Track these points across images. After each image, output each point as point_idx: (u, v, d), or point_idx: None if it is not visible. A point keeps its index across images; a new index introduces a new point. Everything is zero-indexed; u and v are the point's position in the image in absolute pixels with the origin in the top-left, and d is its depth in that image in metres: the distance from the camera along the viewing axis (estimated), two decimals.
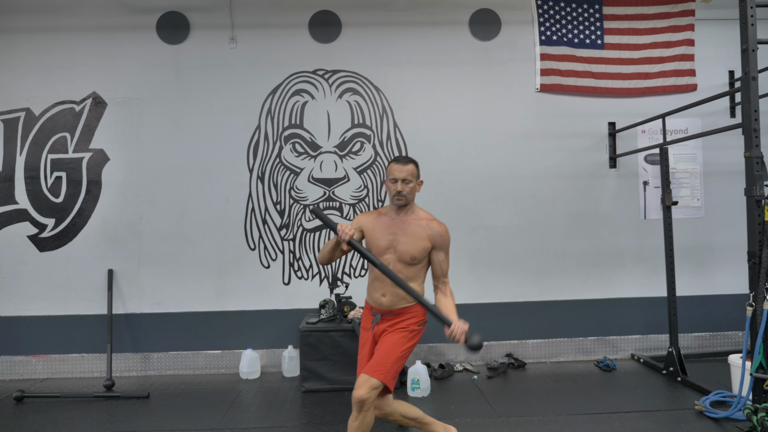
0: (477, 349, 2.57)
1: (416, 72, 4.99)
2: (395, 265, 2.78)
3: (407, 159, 2.87)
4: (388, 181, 2.84)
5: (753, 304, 3.35)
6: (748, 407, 3.16)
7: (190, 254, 4.89)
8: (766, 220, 3.31)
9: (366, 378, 2.66)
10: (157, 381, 4.65)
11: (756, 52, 3.37)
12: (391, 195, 2.84)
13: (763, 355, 3.30)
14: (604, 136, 5.09)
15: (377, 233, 2.83)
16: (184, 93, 4.91)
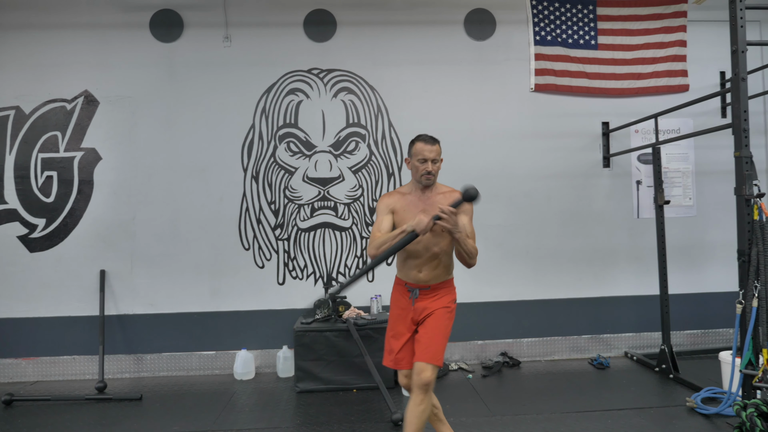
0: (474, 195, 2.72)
1: (411, 71, 5.12)
2: (429, 239, 2.87)
3: (432, 138, 2.93)
4: (416, 161, 2.89)
5: (742, 301, 3.50)
6: (737, 403, 3.28)
7: (184, 254, 4.97)
8: (755, 218, 3.45)
9: (424, 364, 2.76)
10: (151, 383, 4.73)
11: (745, 53, 3.50)
12: (418, 174, 2.90)
13: (752, 352, 3.44)
14: (598, 135, 5.24)
15: (408, 212, 2.92)
16: (178, 91, 4.99)
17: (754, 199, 3.46)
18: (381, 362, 4.30)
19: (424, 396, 2.74)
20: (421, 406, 2.74)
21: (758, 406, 3.15)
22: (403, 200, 2.96)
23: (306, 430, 3.63)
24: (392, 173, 5.09)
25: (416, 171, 2.91)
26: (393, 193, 3.04)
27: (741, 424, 3.17)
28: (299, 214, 5.03)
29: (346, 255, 5.07)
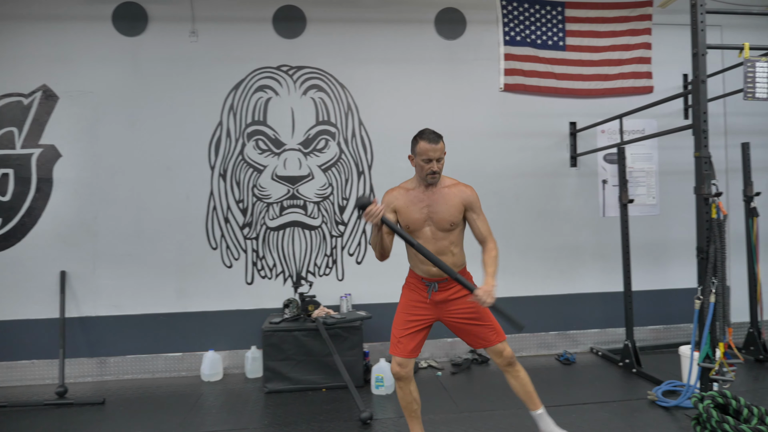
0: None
1: (382, 69, 5.25)
2: (435, 233, 3.02)
3: (436, 136, 2.99)
4: (420, 160, 2.97)
5: (701, 297, 3.73)
6: (695, 395, 3.45)
7: (149, 254, 5.01)
8: (713, 217, 3.69)
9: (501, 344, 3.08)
10: (114, 386, 4.75)
11: (705, 56, 3.71)
12: (423, 174, 2.99)
13: (709, 346, 3.68)
14: (566, 135, 5.48)
15: (412, 208, 3.02)
16: (143, 87, 5.01)
17: (713, 198, 3.68)
18: (350, 361, 4.50)
19: (515, 367, 3.13)
20: (520, 374, 3.15)
21: (714, 398, 3.35)
22: (407, 196, 3.04)
23: (274, 430, 3.71)
24: (362, 171, 5.22)
25: (421, 170, 2.99)
26: (396, 189, 3.10)
27: (698, 416, 3.35)
28: (268, 212, 5.12)
29: (315, 254, 5.18)
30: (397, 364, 3.07)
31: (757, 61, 3.78)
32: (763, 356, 4.88)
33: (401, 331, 3.11)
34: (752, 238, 4.89)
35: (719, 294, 3.67)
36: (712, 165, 3.71)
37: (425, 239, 3.02)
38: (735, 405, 3.34)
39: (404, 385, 3.11)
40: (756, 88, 3.80)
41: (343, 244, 5.21)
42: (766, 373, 4.62)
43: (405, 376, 3.08)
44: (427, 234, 3.03)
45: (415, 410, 3.17)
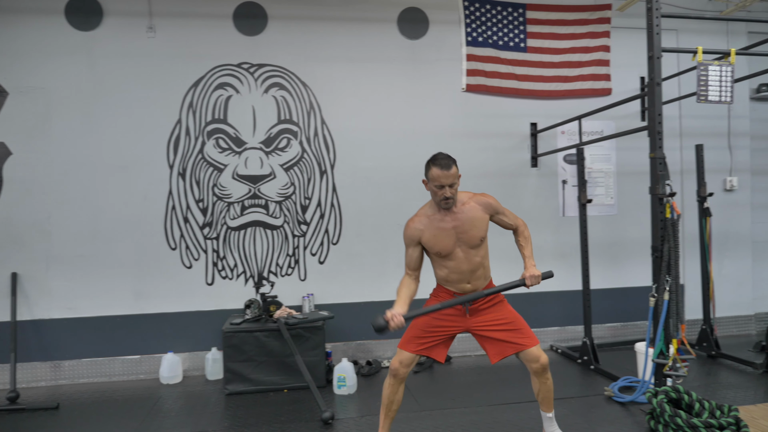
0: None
1: (344, 68, 5.23)
2: (467, 252, 3.07)
3: (448, 161, 2.97)
4: (433, 186, 2.97)
5: (655, 295, 3.82)
6: (649, 391, 3.56)
7: (105, 255, 4.90)
8: (667, 216, 3.78)
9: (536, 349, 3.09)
10: (69, 390, 4.63)
11: (660, 59, 3.78)
12: (437, 199, 3.00)
13: (663, 343, 3.77)
14: (527, 136, 5.55)
15: (439, 236, 3.04)
16: (98, 83, 4.89)
17: (667, 198, 3.76)
18: (312, 361, 4.48)
19: (547, 374, 3.15)
20: (548, 381, 3.17)
21: (668, 393, 3.44)
22: (431, 225, 3.05)
23: None
24: (325, 171, 5.19)
25: (434, 195, 3.01)
26: (417, 219, 3.10)
27: (652, 410, 3.44)
28: (229, 212, 5.05)
29: (277, 254, 5.14)
30: (400, 361, 3.08)
31: (709, 65, 3.88)
32: (715, 352, 5.03)
33: (421, 332, 3.12)
34: (705, 237, 5.03)
35: (673, 292, 3.76)
36: (666, 166, 3.79)
37: (458, 261, 3.07)
38: (687, 399, 3.43)
39: (396, 384, 3.11)
40: (708, 91, 3.89)
41: (306, 243, 5.18)
42: (718, 369, 4.77)
43: (403, 375, 3.09)
44: (459, 256, 3.07)
45: (393, 410, 3.17)
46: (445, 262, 3.09)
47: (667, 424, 3.30)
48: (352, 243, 5.25)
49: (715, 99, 3.91)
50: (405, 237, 3.11)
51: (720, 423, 3.17)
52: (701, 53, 3.87)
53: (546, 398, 3.23)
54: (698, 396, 3.46)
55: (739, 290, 5.90)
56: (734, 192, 5.85)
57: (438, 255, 3.08)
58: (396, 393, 3.12)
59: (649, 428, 3.50)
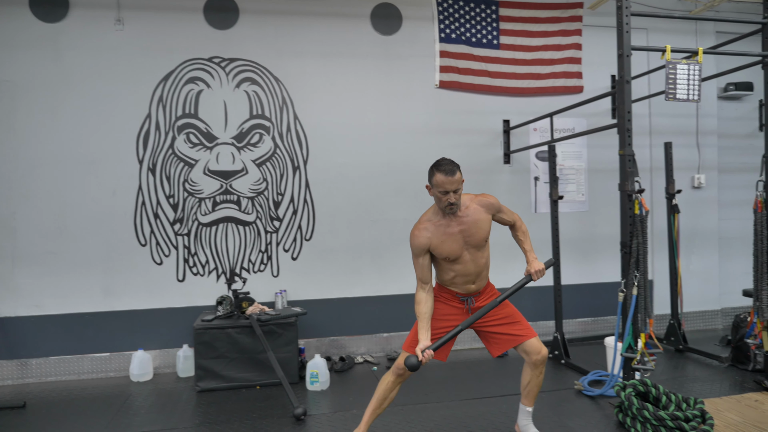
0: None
1: (317, 63, 5.16)
2: (474, 254, 3.07)
3: (451, 167, 2.94)
4: (437, 192, 2.95)
5: (624, 290, 3.85)
6: (618, 384, 3.58)
7: (74, 252, 4.77)
8: (636, 212, 3.80)
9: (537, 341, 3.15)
10: (36, 389, 4.51)
11: (630, 57, 3.79)
12: (441, 205, 2.98)
13: (632, 337, 3.79)
14: (499, 133, 5.54)
15: (447, 242, 3.01)
16: (65, 77, 4.74)
17: (636, 195, 3.79)
18: (285, 358, 4.42)
19: (543, 367, 3.18)
20: (541, 376, 3.20)
21: (636, 387, 3.47)
22: (437, 231, 3.01)
23: (205, 429, 3.61)
24: (298, 166, 5.12)
25: (439, 201, 2.99)
26: (423, 226, 3.04)
27: (620, 403, 3.47)
28: (200, 208, 4.96)
29: (250, 250, 5.06)
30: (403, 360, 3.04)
31: (678, 63, 3.90)
32: (682, 346, 5.08)
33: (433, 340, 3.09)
34: (673, 234, 5.07)
35: (641, 287, 3.79)
36: (635, 163, 3.81)
37: (465, 263, 3.06)
38: (654, 393, 3.47)
39: (396, 383, 3.12)
40: (677, 89, 3.91)
41: (279, 240, 5.11)
42: (685, 362, 4.82)
43: (407, 376, 3.10)
44: (466, 258, 3.06)
45: (383, 407, 3.18)
46: (453, 266, 3.07)
47: (635, 417, 3.33)
48: (325, 239, 5.19)
49: (683, 97, 3.93)
50: (414, 247, 3.05)
51: (686, 415, 3.20)
52: (670, 52, 3.88)
53: (532, 392, 3.25)
54: (665, 389, 3.49)
55: (706, 286, 5.96)
56: (702, 189, 5.92)
57: (446, 260, 3.06)
58: (392, 390, 3.15)
59: (617, 421, 3.52)
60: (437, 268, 3.15)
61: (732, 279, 6.03)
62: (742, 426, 3.39)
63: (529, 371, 3.19)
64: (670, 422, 3.17)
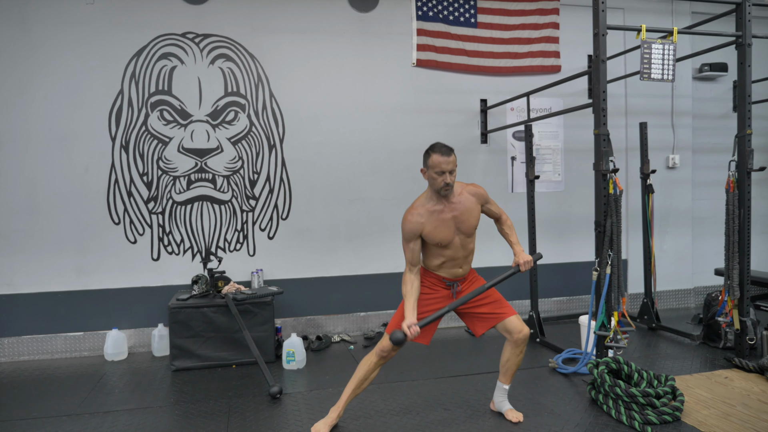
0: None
1: (293, 40, 4.96)
2: (464, 241, 3.06)
3: (447, 148, 2.92)
4: (433, 173, 2.90)
5: (598, 269, 3.77)
6: (591, 362, 3.53)
7: (45, 230, 4.58)
8: (610, 192, 3.72)
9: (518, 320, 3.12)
10: (9, 368, 4.37)
11: (605, 36, 3.68)
12: (437, 186, 2.93)
13: (605, 315, 3.73)
14: (477, 112, 5.40)
15: (440, 228, 2.98)
16: (32, 51, 4.51)
17: (610, 174, 3.70)
18: (261, 337, 4.31)
19: (524, 346, 3.16)
20: (521, 355, 3.17)
21: (608, 364, 3.41)
22: (432, 217, 2.98)
23: (180, 408, 3.50)
24: (274, 145, 4.95)
25: (434, 183, 2.94)
26: (415, 211, 2.99)
27: (593, 381, 3.42)
28: (174, 186, 4.78)
29: (225, 229, 4.90)
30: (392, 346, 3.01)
31: (653, 43, 3.81)
32: (655, 324, 5.04)
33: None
34: (648, 213, 5.01)
35: (615, 266, 3.72)
36: (610, 142, 3.72)
37: (455, 249, 3.05)
38: (627, 370, 3.41)
39: (379, 364, 3.09)
40: (651, 69, 3.83)
41: (255, 219, 4.95)
42: (658, 340, 4.78)
43: (389, 357, 3.08)
44: (457, 244, 3.04)
45: (362, 388, 3.15)
46: (443, 251, 3.04)
47: (607, 394, 3.28)
48: (301, 218, 5.05)
49: (657, 77, 3.86)
50: (406, 231, 2.99)
51: (657, 392, 3.16)
52: (645, 31, 3.79)
53: (510, 370, 3.22)
54: (638, 366, 3.43)
55: (679, 265, 5.92)
56: (676, 170, 5.85)
57: (438, 246, 3.01)
58: (373, 372, 3.12)
59: (590, 398, 3.47)
60: (426, 253, 3.10)
61: (704, 258, 5.99)
62: (711, 402, 3.35)
63: (509, 349, 3.16)
64: (642, 399, 3.12)
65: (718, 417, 3.13)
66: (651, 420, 3.04)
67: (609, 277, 3.71)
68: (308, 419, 3.28)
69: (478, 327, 3.16)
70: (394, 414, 3.35)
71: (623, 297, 3.79)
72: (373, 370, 3.10)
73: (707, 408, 3.26)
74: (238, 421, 3.29)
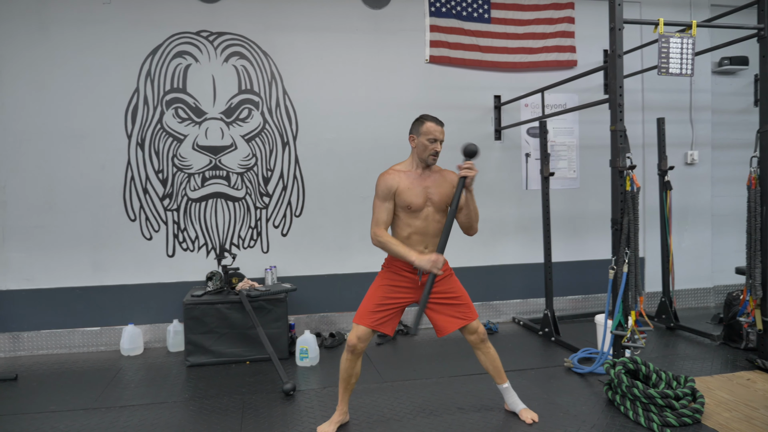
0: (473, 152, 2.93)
1: (306, 38, 4.87)
2: (434, 215, 2.98)
3: (439, 119, 2.98)
4: (425, 140, 2.91)
5: (614, 267, 3.63)
6: (608, 362, 3.41)
7: (63, 226, 4.55)
8: (627, 189, 3.57)
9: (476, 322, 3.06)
10: (28, 362, 4.35)
11: (622, 31, 3.54)
12: (425, 154, 2.93)
13: (622, 314, 3.59)
14: (490, 108, 5.26)
15: (413, 190, 2.93)
16: (51, 50, 4.48)
17: (627, 171, 3.56)
18: (275, 333, 4.22)
19: (487, 344, 3.12)
20: (490, 351, 3.12)
21: (626, 364, 3.28)
22: (407, 178, 2.95)
23: (195, 403, 3.45)
24: (287, 142, 4.86)
25: (424, 150, 2.93)
26: (394, 172, 2.97)
27: (610, 381, 3.29)
28: (189, 183, 4.71)
29: (239, 226, 4.82)
30: (357, 337, 2.90)
31: (671, 37, 3.64)
32: (673, 324, 4.86)
33: (376, 306, 2.96)
34: (665, 210, 4.83)
35: (632, 264, 3.57)
36: (627, 138, 3.58)
37: (425, 220, 2.97)
38: (645, 370, 3.27)
39: (354, 359, 2.97)
40: (670, 63, 3.67)
41: (268, 215, 4.87)
42: (676, 340, 4.60)
43: (360, 350, 2.94)
44: (427, 215, 2.97)
45: (352, 383, 3.04)
46: (412, 219, 2.95)
47: (624, 395, 3.13)
48: (315, 215, 4.95)
49: (675, 71, 3.70)
50: (381, 187, 2.94)
51: (676, 393, 3.01)
52: (663, 25, 3.63)
53: (494, 368, 3.14)
54: (656, 367, 3.29)
55: (698, 263, 5.71)
56: (695, 166, 5.64)
57: (408, 209, 2.92)
58: (354, 367, 2.98)
59: (606, 399, 3.32)
60: (395, 223, 2.99)
61: (724, 256, 5.76)
62: (733, 404, 3.18)
63: (477, 353, 3.13)
64: (660, 400, 2.97)
65: (740, 420, 2.97)
66: (670, 422, 2.90)
67: (626, 276, 3.56)
68: (321, 416, 3.20)
69: (440, 327, 3.04)
70: (408, 413, 3.25)
71: (641, 296, 3.64)
72: (352, 367, 2.99)
73: (729, 411, 3.10)
74: (252, 417, 3.23)
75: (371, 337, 2.97)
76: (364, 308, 2.97)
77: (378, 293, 2.98)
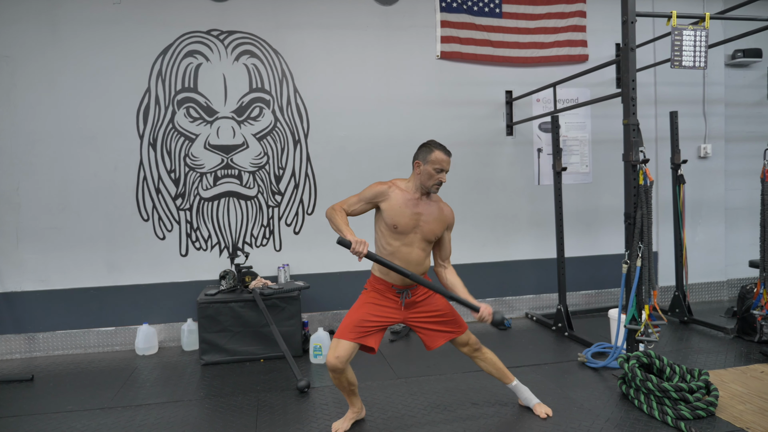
0: (501, 324, 3.01)
1: (316, 35, 4.97)
2: (420, 243, 2.96)
3: (447, 149, 2.95)
4: (432, 168, 2.88)
5: (628, 261, 3.70)
6: (621, 356, 3.47)
7: (76, 226, 4.68)
8: (640, 183, 3.64)
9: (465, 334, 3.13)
10: (44, 362, 4.47)
11: (634, 24, 3.59)
12: (430, 183, 2.91)
13: (635, 309, 3.66)
14: (502, 104, 5.34)
15: (405, 211, 2.91)
16: (63, 51, 4.59)
17: (640, 165, 3.62)
18: (288, 331, 4.34)
19: (482, 351, 3.18)
20: (487, 356, 3.19)
21: (639, 358, 3.35)
22: (402, 197, 2.92)
23: (210, 402, 3.55)
24: (298, 140, 4.97)
25: (429, 178, 2.91)
26: (393, 186, 2.94)
27: (624, 375, 3.37)
28: (201, 182, 4.83)
29: (252, 225, 4.94)
30: (336, 357, 2.84)
31: (684, 30, 3.70)
32: (687, 318, 4.94)
33: (360, 322, 2.94)
34: (679, 204, 4.90)
35: (645, 258, 3.65)
36: (640, 132, 3.64)
37: (409, 245, 2.94)
38: (659, 364, 3.35)
39: (338, 376, 2.92)
40: (683, 56, 3.73)
41: (281, 214, 4.98)
42: (690, 334, 4.68)
43: (341, 369, 2.88)
44: (412, 240, 2.94)
45: (351, 390, 3.06)
46: (396, 240, 2.92)
47: (639, 389, 3.22)
48: None
49: (689, 64, 3.75)
50: (369, 190, 2.92)
51: (690, 387, 3.09)
52: (676, 18, 3.69)
53: (497, 371, 3.22)
54: (670, 361, 3.37)
55: (711, 257, 5.79)
56: (708, 159, 5.71)
57: (394, 228, 2.89)
58: (343, 381, 2.96)
59: (620, 393, 3.41)
60: (380, 236, 2.98)
61: (738, 250, 5.84)
62: (747, 397, 3.27)
63: (476, 362, 3.21)
64: (674, 393, 3.05)
65: (754, 412, 3.06)
66: (684, 415, 2.99)
67: (639, 270, 3.64)
68: (336, 413, 3.29)
69: (428, 342, 3.10)
70: (422, 408, 3.35)
71: (654, 290, 3.71)
72: (341, 382, 2.96)
73: (743, 403, 3.19)
74: (267, 415, 3.32)
75: (353, 354, 2.90)
76: (345, 325, 2.94)
77: (362, 310, 2.97)
